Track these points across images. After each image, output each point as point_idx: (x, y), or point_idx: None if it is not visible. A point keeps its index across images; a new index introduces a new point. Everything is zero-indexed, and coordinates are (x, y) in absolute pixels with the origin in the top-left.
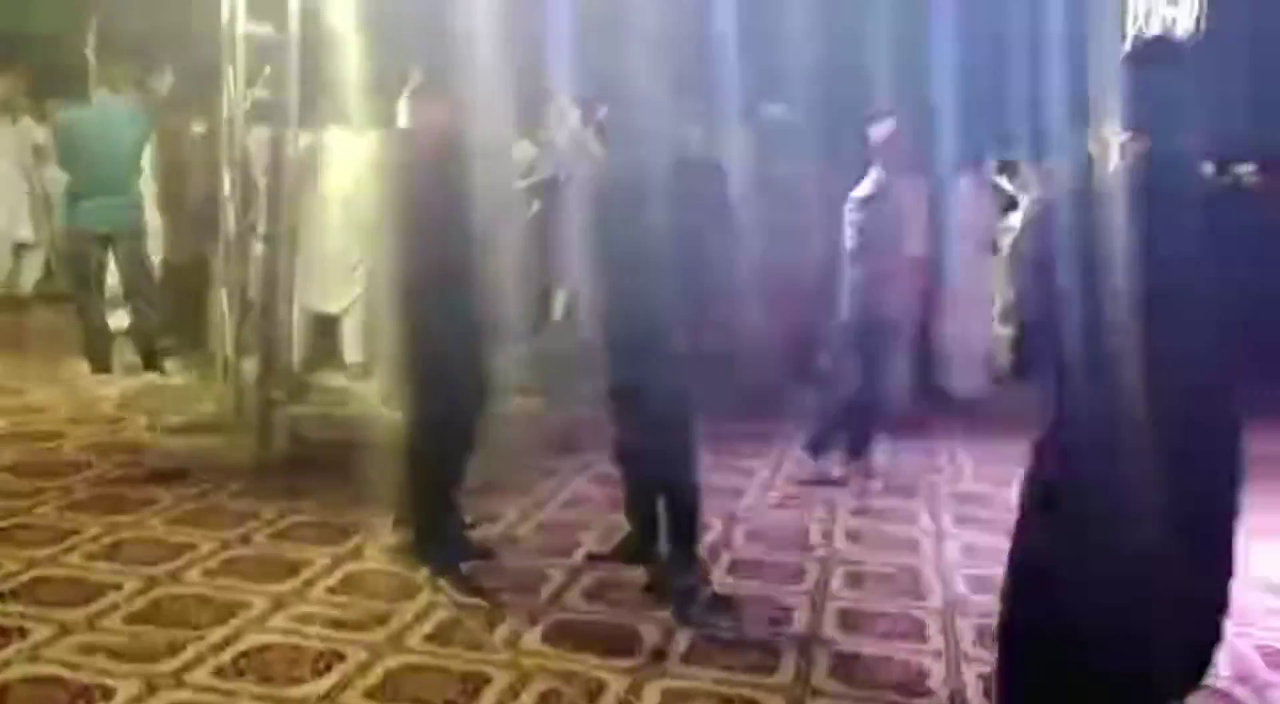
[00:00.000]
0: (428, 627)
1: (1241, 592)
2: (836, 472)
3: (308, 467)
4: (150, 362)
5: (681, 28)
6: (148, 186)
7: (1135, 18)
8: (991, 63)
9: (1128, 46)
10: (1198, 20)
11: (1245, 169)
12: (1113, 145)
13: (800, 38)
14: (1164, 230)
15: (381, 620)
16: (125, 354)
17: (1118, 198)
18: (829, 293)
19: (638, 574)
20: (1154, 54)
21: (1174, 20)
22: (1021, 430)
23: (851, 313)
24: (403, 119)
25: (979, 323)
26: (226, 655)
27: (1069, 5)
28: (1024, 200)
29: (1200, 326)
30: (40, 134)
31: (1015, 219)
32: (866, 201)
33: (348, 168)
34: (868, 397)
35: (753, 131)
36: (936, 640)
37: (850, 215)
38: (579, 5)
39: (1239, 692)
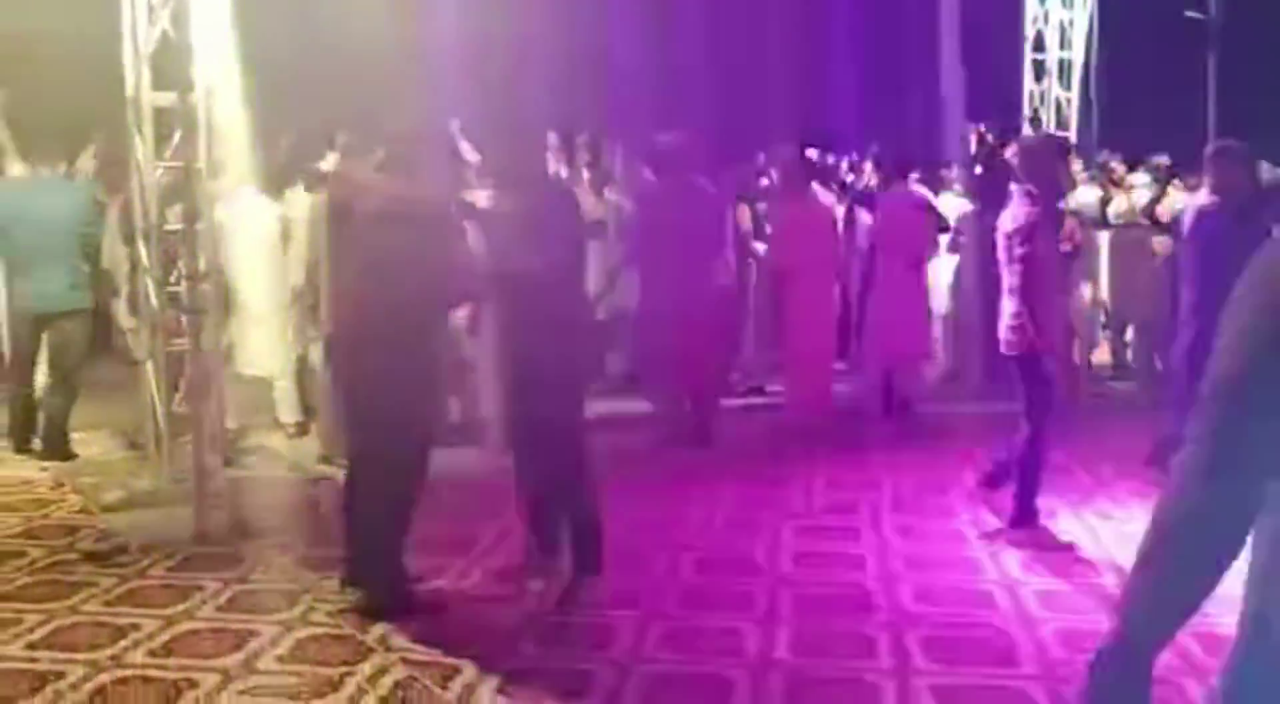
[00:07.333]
0: (382, 689)
1: None
2: None
3: (250, 533)
4: (54, 449)
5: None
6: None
7: (1034, 20)
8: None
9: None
10: (1091, 20)
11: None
12: None
13: None
14: None
15: (335, 686)
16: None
17: None
18: None
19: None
20: None
21: (1070, 23)
22: None
23: None
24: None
25: None
26: None
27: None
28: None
29: None
30: None
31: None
32: None
33: (267, 229)
34: None
35: None
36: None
37: None
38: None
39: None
